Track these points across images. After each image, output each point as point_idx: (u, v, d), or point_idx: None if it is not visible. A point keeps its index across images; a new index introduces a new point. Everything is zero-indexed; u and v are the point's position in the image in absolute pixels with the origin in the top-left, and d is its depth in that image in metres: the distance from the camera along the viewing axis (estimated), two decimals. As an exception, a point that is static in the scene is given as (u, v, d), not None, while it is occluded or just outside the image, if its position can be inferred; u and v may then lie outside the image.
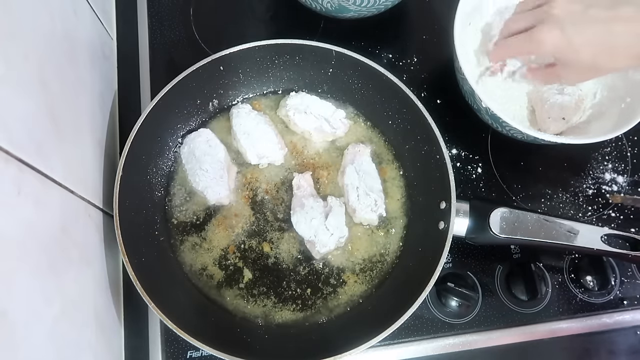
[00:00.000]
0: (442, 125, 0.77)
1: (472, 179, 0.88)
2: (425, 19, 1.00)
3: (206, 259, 0.79)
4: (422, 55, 0.96)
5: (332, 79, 0.86)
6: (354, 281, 0.79)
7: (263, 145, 0.82)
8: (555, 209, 0.87)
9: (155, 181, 0.81)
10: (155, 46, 0.94)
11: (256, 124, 0.83)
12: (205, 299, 0.77)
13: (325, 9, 0.87)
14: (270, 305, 0.77)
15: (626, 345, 0.81)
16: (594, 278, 0.82)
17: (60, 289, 0.57)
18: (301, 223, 0.78)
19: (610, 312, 0.81)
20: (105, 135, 0.81)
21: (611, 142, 0.91)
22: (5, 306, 0.45)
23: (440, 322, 0.78)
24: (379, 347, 0.76)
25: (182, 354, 0.75)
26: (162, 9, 0.97)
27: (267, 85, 0.89)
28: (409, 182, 0.84)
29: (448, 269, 0.81)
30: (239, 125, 0.83)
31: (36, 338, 0.50)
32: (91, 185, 0.71)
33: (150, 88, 0.89)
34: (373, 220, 0.81)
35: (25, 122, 0.53)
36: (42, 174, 0.55)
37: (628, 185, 0.89)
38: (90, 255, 0.68)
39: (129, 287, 0.68)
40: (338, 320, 0.77)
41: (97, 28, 0.86)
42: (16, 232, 0.48)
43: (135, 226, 0.74)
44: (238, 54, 0.81)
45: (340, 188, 0.83)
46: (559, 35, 0.68)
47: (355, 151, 0.83)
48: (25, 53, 0.56)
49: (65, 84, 0.67)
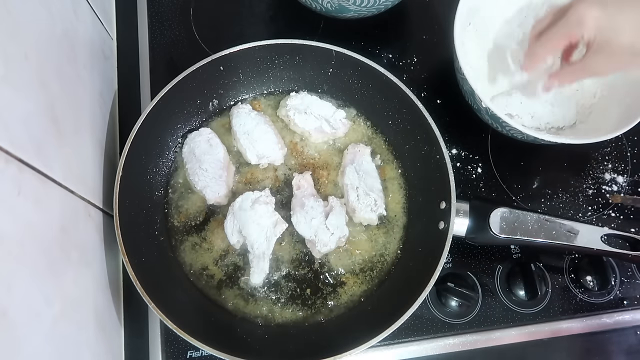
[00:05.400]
0: (442, 125, 0.77)
1: (472, 179, 0.88)
2: (425, 19, 1.00)
3: (206, 259, 0.79)
4: (422, 55, 0.96)
5: (332, 79, 0.86)
6: (353, 281, 0.79)
7: (263, 145, 0.82)
8: (555, 209, 0.87)
9: (155, 181, 0.81)
10: (155, 46, 0.94)
11: (256, 124, 0.83)
12: (205, 299, 0.77)
13: (325, 9, 0.87)
14: (270, 305, 0.77)
15: (626, 345, 0.81)
16: (594, 278, 0.82)
17: (60, 289, 0.57)
18: (301, 223, 0.78)
19: (610, 312, 0.81)
20: (105, 135, 0.81)
21: (611, 142, 0.91)
22: (5, 306, 0.45)
23: (440, 322, 0.78)
24: (379, 347, 0.76)
25: (182, 354, 0.75)
26: (162, 9, 0.97)
27: (267, 85, 0.89)
28: (409, 182, 0.84)
29: (448, 269, 0.81)
30: (239, 125, 0.83)
31: (36, 338, 0.50)
32: (91, 185, 0.71)
33: (150, 88, 0.89)
34: (373, 220, 0.81)
35: (25, 122, 0.53)
36: (42, 174, 0.55)
37: (628, 185, 0.89)
38: (90, 255, 0.68)
39: (129, 287, 0.68)
40: (338, 320, 0.76)
41: (97, 28, 0.86)
42: (16, 232, 0.48)
43: (135, 226, 0.74)
44: (238, 54, 0.81)
45: (340, 188, 0.83)
46: (598, 13, 0.64)
47: (355, 151, 0.83)
48: (25, 53, 0.56)
49: (65, 84, 0.67)
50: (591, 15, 0.65)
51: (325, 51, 0.81)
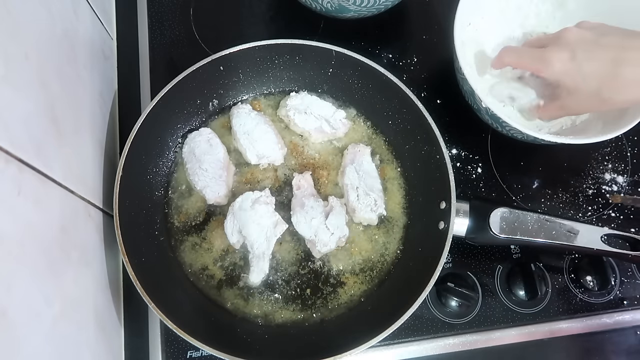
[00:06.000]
0: (442, 125, 0.77)
1: (472, 179, 0.88)
2: (425, 19, 1.00)
3: (206, 259, 0.79)
4: (422, 55, 0.96)
5: (332, 79, 0.86)
6: (353, 281, 0.79)
7: (263, 145, 0.82)
8: (555, 209, 0.87)
9: (155, 181, 0.81)
10: (155, 46, 0.94)
11: (256, 124, 0.83)
12: (205, 299, 0.77)
13: (325, 9, 0.87)
14: (270, 305, 0.77)
15: (626, 345, 0.81)
16: (594, 278, 0.82)
17: (60, 289, 0.57)
18: (301, 223, 0.78)
19: (610, 312, 0.81)
20: (105, 135, 0.81)
21: (611, 142, 0.91)
22: (5, 306, 0.45)
23: (440, 322, 0.78)
24: (379, 347, 0.76)
25: (182, 354, 0.75)
26: (162, 9, 0.97)
27: (267, 85, 0.89)
28: (409, 182, 0.84)
29: (448, 269, 0.81)
30: (239, 125, 0.83)
31: (36, 338, 0.50)
32: (91, 185, 0.71)
33: (150, 88, 0.89)
34: (373, 220, 0.81)
35: (25, 122, 0.53)
36: (42, 174, 0.55)
37: (628, 185, 0.89)
38: (90, 255, 0.68)
39: (129, 287, 0.68)
40: (338, 320, 0.76)
41: (97, 28, 0.86)
42: (16, 232, 0.48)
43: (135, 226, 0.74)
44: (238, 54, 0.81)
45: (340, 188, 0.83)
46: (567, 59, 0.69)
47: (355, 151, 0.83)
48: (25, 53, 0.56)
49: (65, 84, 0.67)
50: (559, 59, 0.70)
51: (325, 51, 0.81)
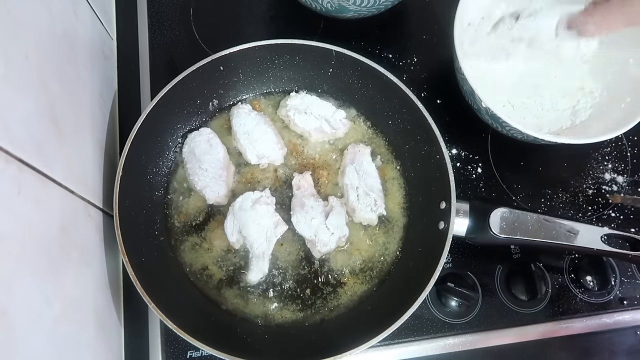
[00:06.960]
0: (442, 125, 0.77)
1: (472, 179, 0.88)
2: (425, 19, 1.00)
3: (206, 259, 0.79)
4: (422, 55, 0.96)
5: (332, 79, 0.86)
6: (353, 281, 0.79)
7: (263, 145, 0.82)
8: (555, 209, 0.87)
9: (155, 181, 0.81)
10: (155, 46, 0.94)
11: (256, 124, 0.83)
12: (205, 299, 0.77)
13: (325, 9, 0.87)
14: (270, 305, 0.77)
15: (626, 345, 0.81)
16: (594, 278, 0.82)
17: (60, 289, 0.57)
18: (301, 223, 0.78)
19: (610, 312, 0.81)
20: (105, 135, 0.81)
21: (611, 142, 0.91)
22: (5, 306, 0.45)
23: (440, 322, 0.78)
24: (379, 347, 0.76)
25: (182, 354, 0.75)
26: (162, 9, 0.97)
27: (267, 85, 0.89)
28: (409, 182, 0.84)
29: (448, 269, 0.81)
30: (239, 125, 0.83)
31: (36, 338, 0.50)
32: (91, 185, 0.71)
33: (150, 88, 0.90)
34: (373, 220, 0.81)
35: (25, 122, 0.53)
36: (42, 174, 0.55)
37: (628, 185, 0.89)
38: (90, 255, 0.68)
39: (129, 287, 0.68)
40: (338, 320, 0.76)
41: (97, 28, 0.86)
42: (16, 232, 0.48)
43: (135, 226, 0.74)
44: (238, 54, 0.81)
45: (340, 188, 0.83)
46: None
47: (355, 151, 0.83)
48: (25, 53, 0.56)
49: (65, 83, 0.67)
50: None
51: (325, 51, 0.81)
